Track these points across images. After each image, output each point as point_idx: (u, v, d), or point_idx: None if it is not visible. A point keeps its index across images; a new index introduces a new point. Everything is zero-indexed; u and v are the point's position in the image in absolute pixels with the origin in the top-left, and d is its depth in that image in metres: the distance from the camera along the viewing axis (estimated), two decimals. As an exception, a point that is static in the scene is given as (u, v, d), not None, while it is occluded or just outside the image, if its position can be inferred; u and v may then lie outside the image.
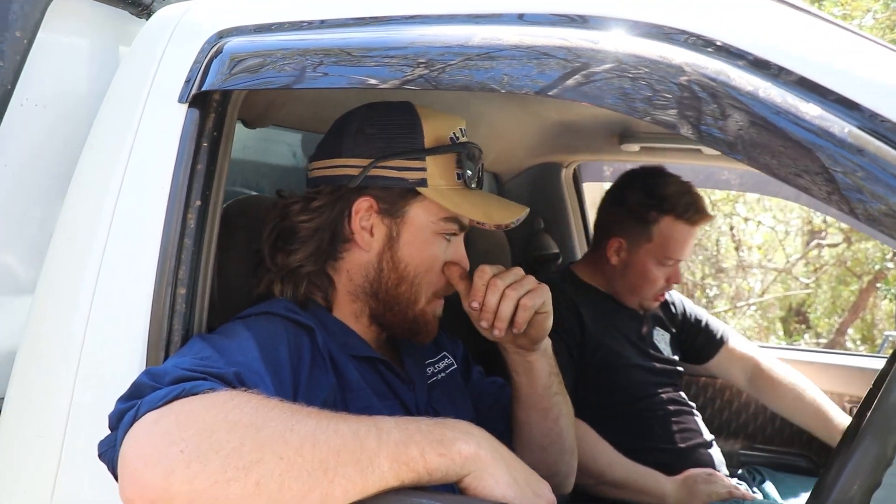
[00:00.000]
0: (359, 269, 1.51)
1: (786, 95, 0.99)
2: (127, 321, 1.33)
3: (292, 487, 1.03)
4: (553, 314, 2.16)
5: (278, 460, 1.03)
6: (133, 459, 1.03)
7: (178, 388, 1.08)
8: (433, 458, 1.11)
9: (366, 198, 1.47)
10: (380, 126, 1.49)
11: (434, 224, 1.49)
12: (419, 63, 1.17)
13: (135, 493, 1.02)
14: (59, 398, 1.34)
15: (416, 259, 1.49)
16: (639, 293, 2.42)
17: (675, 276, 2.39)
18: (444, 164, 1.48)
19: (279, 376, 1.26)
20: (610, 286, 2.47)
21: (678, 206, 2.32)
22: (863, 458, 1.00)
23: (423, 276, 1.50)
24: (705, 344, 2.69)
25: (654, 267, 2.37)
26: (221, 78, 1.33)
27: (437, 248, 1.51)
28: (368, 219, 1.48)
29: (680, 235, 2.34)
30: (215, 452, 1.02)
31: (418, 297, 1.50)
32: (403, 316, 1.51)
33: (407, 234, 1.48)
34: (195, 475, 1.00)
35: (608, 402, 2.31)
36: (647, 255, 2.36)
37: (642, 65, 1.04)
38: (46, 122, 1.54)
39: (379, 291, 1.50)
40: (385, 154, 1.45)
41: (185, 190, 1.34)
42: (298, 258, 1.49)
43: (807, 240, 9.77)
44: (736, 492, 2.14)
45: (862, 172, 0.94)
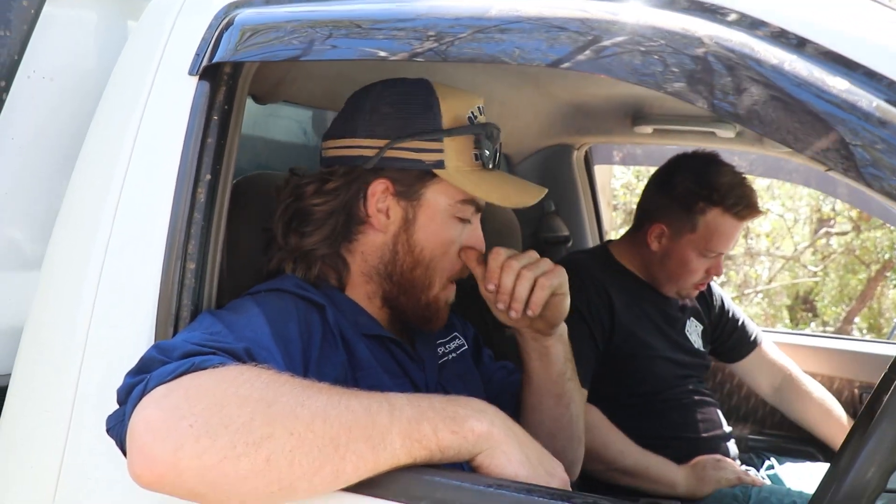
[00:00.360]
0: (374, 251, 1.49)
1: (812, 68, 0.97)
2: (136, 296, 1.32)
3: (303, 463, 1.02)
4: (581, 296, 2.15)
5: (289, 436, 1.02)
6: (142, 434, 1.02)
7: (187, 363, 1.07)
8: (446, 436, 1.10)
9: (381, 180, 1.44)
10: (396, 105, 1.46)
11: (451, 207, 1.46)
12: (429, 36, 1.16)
13: (143, 468, 1.01)
14: (66, 374, 1.33)
15: (431, 242, 1.47)
16: (677, 282, 2.34)
17: (717, 268, 2.30)
18: (461, 145, 1.45)
19: (289, 352, 1.25)
20: (647, 272, 2.39)
21: (728, 198, 2.22)
22: (880, 442, 0.99)
23: (438, 260, 1.48)
24: (738, 344, 2.63)
25: (696, 258, 2.27)
26: (232, 50, 1.31)
27: (454, 231, 1.48)
28: (384, 200, 1.46)
29: (726, 229, 2.25)
30: (225, 427, 1.01)
31: (433, 281, 1.49)
32: (416, 301, 1.49)
33: (423, 216, 1.46)
34: (204, 450, 1.00)
35: (634, 390, 2.29)
36: (689, 244, 2.27)
37: (659, 37, 1.02)
38: (54, 95, 1.53)
39: (393, 274, 1.48)
40: (402, 134, 1.43)
41: (195, 164, 1.33)
42: (313, 241, 1.46)
43: (815, 228, 9.74)
44: (745, 478, 2.14)
45: (883, 145, 0.92)
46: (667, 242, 2.31)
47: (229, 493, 1.02)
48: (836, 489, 1.00)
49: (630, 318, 2.29)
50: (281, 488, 1.02)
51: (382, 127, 1.45)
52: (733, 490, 2.08)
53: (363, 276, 1.50)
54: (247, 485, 1.01)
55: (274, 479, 1.01)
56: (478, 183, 1.45)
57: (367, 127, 1.45)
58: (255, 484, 1.01)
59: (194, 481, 1.01)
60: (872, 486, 0.98)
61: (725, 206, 2.22)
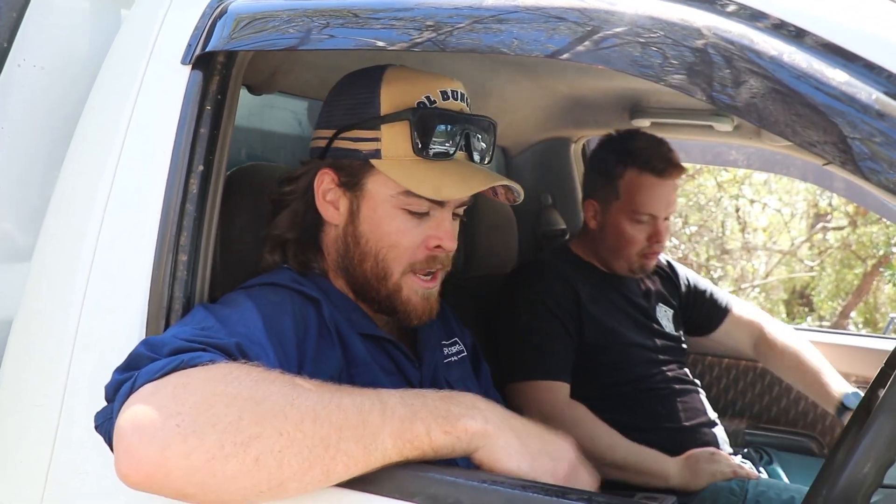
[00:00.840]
0: (332, 244, 1.49)
1: (811, 60, 0.96)
2: (127, 288, 1.31)
3: (292, 464, 1.01)
4: (548, 293, 2.21)
5: (278, 436, 1.01)
6: (128, 433, 1.01)
7: (176, 360, 1.07)
8: (438, 436, 1.09)
9: (325, 170, 1.44)
10: (345, 94, 1.47)
11: (393, 198, 1.41)
12: (427, 26, 1.15)
13: (130, 468, 1.00)
14: (56, 367, 1.32)
15: (376, 234, 1.43)
16: (621, 255, 2.36)
17: (657, 234, 2.32)
18: (399, 133, 1.39)
19: (283, 348, 1.24)
20: (598, 255, 2.43)
21: (640, 157, 2.30)
22: (876, 438, 0.99)
23: (387, 252, 1.43)
24: (711, 313, 2.68)
25: (629, 225, 2.31)
26: (225, 39, 1.30)
27: (401, 223, 1.42)
28: (333, 192, 1.45)
29: (647, 188, 2.29)
30: (212, 426, 1.00)
31: (387, 273, 1.44)
32: (377, 293, 1.46)
33: (366, 208, 1.43)
34: (192, 450, 0.99)
35: (610, 381, 2.29)
36: (618, 213, 2.32)
37: (658, 27, 1.01)
38: (45, 83, 1.52)
39: (349, 267, 1.47)
40: (345, 124, 1.43)
41: (188, 154, 1.32)
42: (281, 226, 1.48)
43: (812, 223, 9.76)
44: (740, 471, 2.13)
45: (881, 138, 0.92)
46: (601, 217, 2.38)
47: (218, 493, 1.01)
48: (833, 484, 1.00)
49: (598, 309, 2.31)
50: (270, 488, 1.01)
51: (333, 117, 1.46)
52: (730, 484, 2.08)
53: (334, 272, 1.50)
54: (235, 485, 1.00)
55: (263, 480, 1.00)
56: (411, 173, 1.39)
57: (326, 118, 1.48)
58: (244, 484, 1.00)
59: (182, 482, 1.00)
60: (869, 481, 0.98)
61: (639, 164, 2.29)
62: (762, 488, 2.05)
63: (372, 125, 1.40)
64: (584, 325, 2.28)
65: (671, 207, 2.35)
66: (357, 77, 1.48)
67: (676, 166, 2.31)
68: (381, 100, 1.41)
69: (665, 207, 2.32)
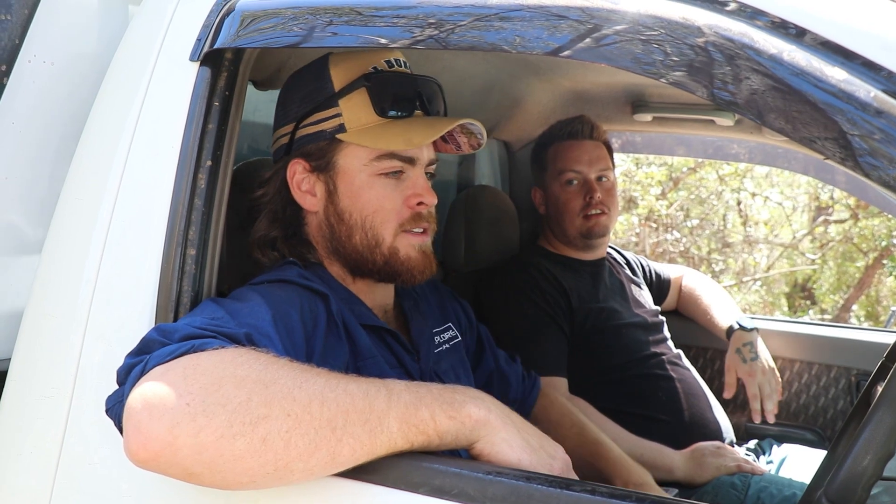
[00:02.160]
0: (318, 232, 1.51)
1: (810, 58, 0.97)
2: (136, 282, 1.33)
3: (299, 445, 1.02)
4: (535, 290, 2.27)
5: (286, 417, 1.03)
6: (138, 412, 1.02)
7: (187, 345, 1.08)
8: (443, 420, 1.10)
9: (295, 160, 1.47)
10: (295, 87, 1.51)
11: (367, 166, 1.45)
12: (429, 23, 1.16)
13: (138, 445, 1.01)
14: (66, 358, 1.33)
15: (357, 205, 1.46)
16: (567, 222, 2.48)
17: (591, 190, 2.45)
18: (360, 104, 1.44)
19: (292, 340, 1.25)
20: (559, 241, 2.54)
21: (555, 131, 2.54)
22: (876, 431, 1.00)
23: (371, 219, 1.46)
24: (662, 290, 2.83)
25: (562, 189, 2.47)
26: (233, 36, 1.32)
27: (379, 188, 1.46)
28: (308, 181, 1.48)
29: (565, 150, 2.50)
30: (222, 406, 1.01)
31: (378, 239, 1.47)
32: (374, 262, 1.48)
33: (342, 183, 1.47)
34: (200, 429, 1.00)
35: (608, 366, 2.33)
36: (550, 183, 2.52)
37: (659, 25, 1.02)
38: (55, 79, 1.53)
39: (339, 247, 1.49)
40: (303, 112, 1.46)
41: (196, 150, 1.33)
42: (261, 227, 1.51)
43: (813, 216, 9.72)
44: (745, 465, 2.13)
45: (880, 135, 0.93)
46: (543, 198, 2.57)
47: (225, 472, 1.02)
48: (833, 477, 1.01)
49: (583, 296, 2.38)
50: (276, 469, 1.03)
51: (289, 113, 1.49)
52: (732, 479, 2.08)
53: (327, 260, 1.52)
54: (242, 464, 1.01)
55: (270, 460, 1.02)
56: (380, 135, 1.44)
57: (283, 115, 1.51)
58: (251, 464, 1.02)
59: (190, 460, 1.01)
60: (868, 473, 0.99)
61: (556, 137, 2.54)
62: (764, 484, 2.05)
63: (329, 104, 1.44)
64: (575, 312, 2.33)
65: (598, 164, 2.48)
66: (302, 71, 1.52)
67: (589, 124, 2.49)
68: (332, 79, 1.45)
69: (589, 164, 2.46)
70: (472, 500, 1.05)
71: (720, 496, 2.05)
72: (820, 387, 2.75)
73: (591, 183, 2.45)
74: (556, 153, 2.50)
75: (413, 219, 1.48)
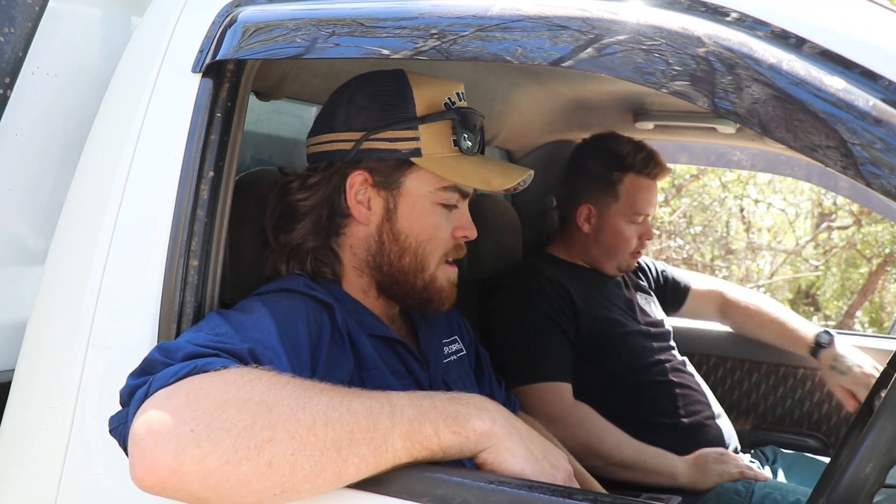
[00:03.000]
0: (361, 244, 1.50)
1: (809, 68, 0.97)
2: (138, 293, 1.33)
3: (305, 467, 1.03)
4: (541, 296, 2.27)
5: (290, 439, 1.03)
6: (143, 438, 1.02)
7: (189, 365, 1.08)
8: (447, 436, 1.11)
9: (359, 171, 1.46)
10: (371, 97, 1.47)
11: (432, 194, 1.47)
12: (431, 34, 1.16)
13: (144, 472, 1.02)
14: (70, 370, 1.34)
15: (415, 230, 1.47)
16: (615, 255, 2.47)
17: (647, 232, 2.46)
18: (438, 132, 1.45)
19: (297, 353, 1.25)
20: (587, 256, 2.51)
21: (637, 162, 2.42)
22: (878, 437, 1.00)
23: (425, 245, 1.48)
24: (675, 292, 2.80)
25: (626, 225, 2.43)
26: (235, 48, 1.32)
27: (439, 217, 1.49)
28: (364, 192, 1.47)
29: (644, 190, 2.44)
30: (226, 431, 1.01)
31: (424, 265, 1.49)
32: (412, 286, 1.50)
33: (404, 205, 1.47)
34: (206, 455, 1.00)
35: (611, 373, 2.32)
36: (616, 215, 2.44)
37: (660, 36, 1.03)
38: (58, 91, 1.53)
39: (383, 264, 1.49)
40: (377, 126, 1.44)
41: (199, 161, 1.33)
42: (299, 235, 1.48)
43: (817, 222, 9.70)
44: (748, 472, 2.13)
45: (881, 144, 0.93)
46: (596, 220, 2.48)
47: (232, 496, 1.03)
48: (835, 484, 1.01)
49: (589, 304, 2.37)
50: (283, 491, 1.03)
51: (359, 119, 1.46)
52: (736, 485, 2.08)
53: (355, 271, 1.51)
54: (249, 488, 1.02)
55: (276, 483, 1.02)
56: (456, 168, 1.46)
57: (345, 121, 1.47)
58: (258, 487, 1.02)
59: (196, 486, 1.01)
60: (871, 481, 0.99)
61: (637, 169, 2.43)
62: (768, 490, 2.05)
63: (409, 125, 1.44)
64: (581, 320, 2.32)
65: None
66: (373, 80, 1.50)
67: (666, 168, 2.46)
68: (415, 101, 1.45)
69: (654, 207, 2.48)
70: (474, 509, 1.06)
71: (724, 502, 2.05)
72: (823, 393, 2.74)
73: (649, 225, 2.47)
74: (636, 189, 2.43)
75: (455, 249, 1.52)
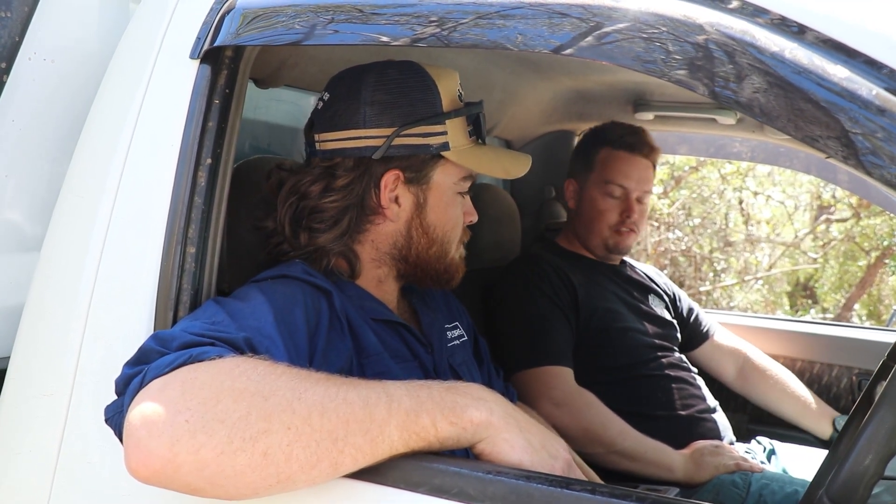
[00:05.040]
0: (385, 239, 1.50)
1: (812, 56, 0.97)
2: (135, 280, 1.32)
3: (300, 458, 1.02)
4: (545, 282, 2.29)
5: (286, 430, 1.02)
6: (137, 428, 1.02)
7: (184, 355, 1.07)
8: (444, 427, 1.10)
9: (393, 171, 1.45)
10: (396, 91, 1.45)
11: (455, 185, 1.51)
12: (431, 21, 1.15)
13: (139, 463, 1.01)
14: (65, 357, 1.33)
15: (443, 220, 1.51)
16: (595, 229, 2.48)
17: (629, 209, 2.44)
18: (459, 124, 1.48)
19: (294, 341, 1.24)
20: (582, 240, 2.53)
21: (614, 135, 2.49)
22: (877, 430, 0.99)
23: (450, 234, 1.53)
24: (692, 335, 2.71)
25: (601, 197, 2.46)
26: (233, 34, 1.31)
27: (458, 206, 1.54)
28: (395, 189, 1.47)
29: (618, 160, 2.46)
30: (221, 422, 1.01)
31: (447, 251, 1.54)
32: (435, 270, 1.54)
33: (433, 198, 1.50)
34: (201, 445, 1.00)
35: (609, 367, 2.32)
36: (591, 186, 2.49)
37: (661, 23, 1.02)
38: (55, 77, 1.53)
39: (409, 256, 1.52)
40: (408, 121, 1.43)
41: (196, 148, 1.32)
42: (328, 238, 1.46)
43: (815, 215, 9.72)
44: (744, 464, 2.13)
45: (882, 133, 0.92)
46: (578, 194, 2.54)
47: (227, 487, 1.02)
48: (835, 476, 1.01)
49: (593, 295, 2.38)
50: (279, 482, 1.02)
51: (387, 116, 1.43)
52: (733, 477, 2.08)
53: (373, 263, 1.52)
54: (244, 479, 1.01)
55: (272, 473, 1.01)
56: (479, 159, 1.50)
57: (373, 117, 1.44)
58: (253, 478, 1.01)
59: (191, 476, 1.01)
60: (870, 472, 0.99)
61: (612, 141, 2.48)
62: (765, 481, 2.05)
63: (438, 120, 1.45)
64: (581, 310, 2.32)
65: (643, 185, 2.46)
66: (395, 72, 1.47)
67: (648, 144, 2.46)
68: (441, 96, 1.47)
69: (637, 183, 2.45)
70: (472, 499, 1.05)
71: (721, 495, 2.05)
72: (821, 385, 2.74)
73: (632, 202, 2.45)
74: (609, 160, 2.46)
75: (465, 232, 1.57)
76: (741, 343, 2.75)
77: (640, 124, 2.77)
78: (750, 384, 2.71)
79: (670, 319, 2.56)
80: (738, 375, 2.72)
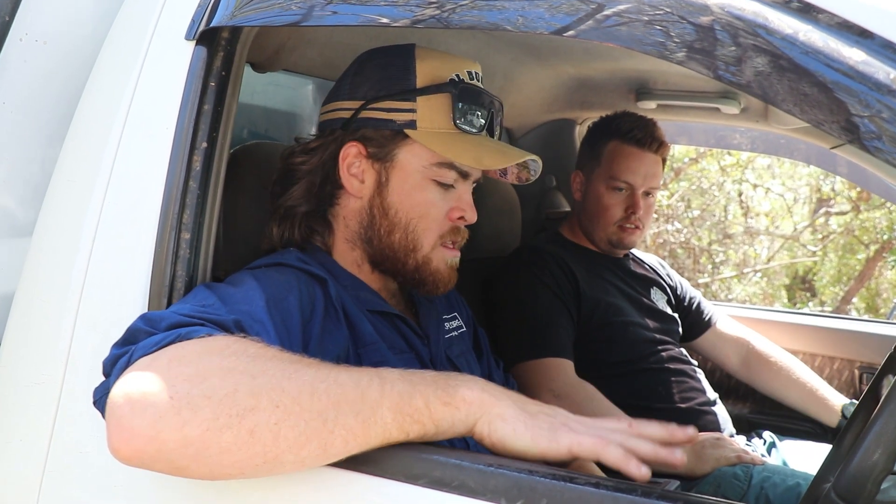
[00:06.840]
0: (353, 216, 1.49)
1: (826, 38, 0.94)
2: (129, 266, 1.30)
3: (288, 437, 1.00)
4: (546, 273, 2.27)
5: (274, 408, 1.00)
6: (120, 406, 0.99)
7: (173, 334, 1.06)
8: (438, 408, 1.07)
9: (353, 143, 1.44)
10: (374, 67, 1.46)
11: (425, 169, 1.44)
12: (430, 2, 1.14)
13: (121, 442, 0.99)
14: (57, 345, 1.31)
15: (406, 205, 1.45)
16: (599, 224, 2.45)
17: (634, 205, 2.40)
18: (437, 106, 1.43)
19: (286, 326, 1.23)
20: (585, 231, 2.51)
21: (623, 128, 2.41)
22: (887, 423, 0.98)
23: (416, 223, 1.46)
24: (695, 322, 2.71)
25: (606, 192, 2.41)
26: (230, 14, 1.29)
27: (431, 193, 1.46)
28: (359, 165, 1.46)
29: (625, 156, 2.40)
30: (207, 398, 0.98)
31: (417, 244, 1.46)
32: (403, 265, 1.47)
33: (396, 178, 1.45)
34: (185, 422, 0.97)
35: (609, 360, 2.31)
36: (598, 179, 2.44)
37: (665, 4, 1.00)
38: (47, 58, 1.50)
39: (373, 238, 1.47)
40: (377, 95, 1.43)
41: (191, 131, 1.30)
42: (293, 197, 1.47)
43: (815, 208, 9.74)
44: (745, 456, 2.12)
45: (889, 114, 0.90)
46: (584, 186, 2.50)
47: (212, 466, 1.00)
48: (842, 471, 0.99)
49: (594, 288, 2.36)
50: (266, 461, 1.00)
51: (360, 89, 1.45)
52: (734, 469, 2.07)
53: (347, 243, 1.50)
54: (230, 457, 0.99)
55: (258, 452, 0.99)
56: (449, 144, 1.42)
57: (349, 90, 1.47)
58: (239, 457, 0.99)
59: (175, 454, 0.98)
60: (879, 467, 0.97)
61: (621, 134, 2.41)
62: (767, 474, 2.04)
63: (407, 97, 1.42)
64: (583, 303, 2.31)
65: (651, 181, 2.43)
66: (382, 52, 1.49)
67: (657, 140, 2.41)
68: (416, 73, 1.43)
69: (643, 179, 2.41)
70: (472, 492, 1.03)
71: (723, 487, 2.04)
72: (823, 378, 2.73)
73: (638, 198, 2.41)
74: (616, 154, 2.41)
75: (451, 232, 1.49)
76: (744, 331, 2.73)
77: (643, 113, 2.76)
78: (754, 372, 2.68)
79: (671, 314, 2.55)
80: (742, 364, 2.70)
